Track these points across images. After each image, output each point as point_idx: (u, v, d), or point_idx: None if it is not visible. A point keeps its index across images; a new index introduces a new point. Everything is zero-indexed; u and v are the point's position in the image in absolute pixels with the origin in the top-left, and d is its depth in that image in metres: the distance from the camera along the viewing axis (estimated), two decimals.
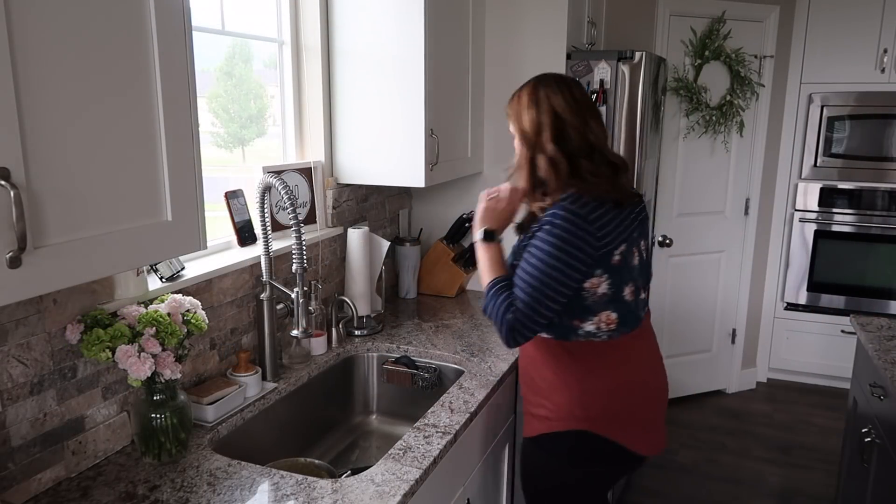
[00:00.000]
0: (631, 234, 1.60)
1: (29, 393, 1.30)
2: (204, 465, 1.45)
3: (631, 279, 1.60)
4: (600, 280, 1.54)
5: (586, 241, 1.49)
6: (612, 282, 1.55)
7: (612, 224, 1.54)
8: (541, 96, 1.59)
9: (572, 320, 1.58)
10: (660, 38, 3.55)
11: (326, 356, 2.06)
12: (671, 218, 3.73)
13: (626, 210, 1.60)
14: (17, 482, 1.29)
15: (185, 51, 1.14)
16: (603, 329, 1.58)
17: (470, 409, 1.71)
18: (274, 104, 2.20)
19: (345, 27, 2.18)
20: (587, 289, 1.54)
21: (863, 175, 3.94)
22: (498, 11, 2.58)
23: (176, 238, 1.17)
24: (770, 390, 4.24)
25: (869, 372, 2.23)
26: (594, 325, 1.58)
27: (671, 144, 3.66)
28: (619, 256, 1.55)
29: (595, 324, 1.58)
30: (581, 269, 1.51)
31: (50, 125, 0.95)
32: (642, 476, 3.24)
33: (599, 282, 1.54)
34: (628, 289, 1.60)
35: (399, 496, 1.33)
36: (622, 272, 1.57)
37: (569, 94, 1.59)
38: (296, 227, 1.71)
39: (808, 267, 4.11)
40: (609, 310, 1.57)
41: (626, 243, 1.57)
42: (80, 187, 1.00)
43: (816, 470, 3.32)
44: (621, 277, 1.57)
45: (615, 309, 1.58)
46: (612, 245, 1.53)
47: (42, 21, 0.92)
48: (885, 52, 3.78)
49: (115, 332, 1.34)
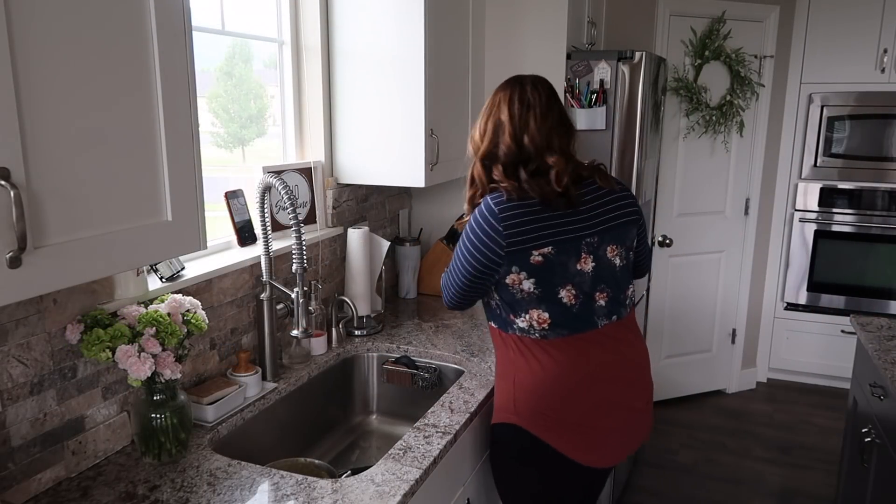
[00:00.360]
0: (574, 238, 1.56)
1: (29, 393, 1.30)
2: (204, 465, 1.45)
3: (569, 282, 1.56)
4: (519, 277, 1.55)
5: (490, 236, 1.53)
6: (537, 281, 1.55)
7: (531, 222, 1.53)
8: (495, 101, 1.63)
9: (508, 314, 1.61)
10: (660, 38, 3.55)
11: (326, 356, 2.06)
12: (671, 218, 3.73)
13: (567, 214, 1.56)
14: (17, 482, 1.29)
15: (185, 51, 1.14)
16: (535, 327, 1.58)
17: (470, 409, 1.71)
18: (274, 104, 2.20)
19: (345, 27, 2.18)
20: (510, 284, 1.56)
21: (863, 175, 3.94)
22: (498, 11, 2.58)
23: (176, 238, 1.17)
24: (770, 390, 4.24)
25: (869, 372, 2.23)
26: (526, 322, 1.58)
27: (671, 144, 3.66)
28: (541, 258, 1.53)
29: (527, 321, 1.58)
30: (487, 262, 1.55)
31: (50, 125, 0.95)
32: (642, 476, 3.24)
33: (519, 279, 1.55)
34: (565, 291, 1.56)
35: (399, 496, 1.33)
36: (550, 272, 1.54)
37: (518, 96, 1.59)
38: (296, 227, 1.71)
39: (808, 267, 4.11)
40: (540, 309, 1.56)
41: (555, 245, 1.54)
42: (80, 187, 1.00)
43: (816, 470, 3.32)
44: (549, 278, 1.55)
45: (547, 309, 1.56)
46: (526, 243, 1.52)
47: (42, 21, 0.92)
48: (885, 52, 3.78)
49: (115, 332, 1.34)
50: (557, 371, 1.58)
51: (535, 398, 1.59)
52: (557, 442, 1.60)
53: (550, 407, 1.59)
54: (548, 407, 1.59)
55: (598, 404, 1.61)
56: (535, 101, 1.59)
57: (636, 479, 3.21)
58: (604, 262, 1.60)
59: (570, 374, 1.59)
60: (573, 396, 1.59)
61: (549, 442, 1.60)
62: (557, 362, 1.58)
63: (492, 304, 1.65)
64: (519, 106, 1.58)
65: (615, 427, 1.64)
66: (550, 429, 1.59)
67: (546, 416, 1.59)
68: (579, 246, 1.56)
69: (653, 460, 3.38)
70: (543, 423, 1.59)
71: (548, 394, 1.59)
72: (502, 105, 1.60)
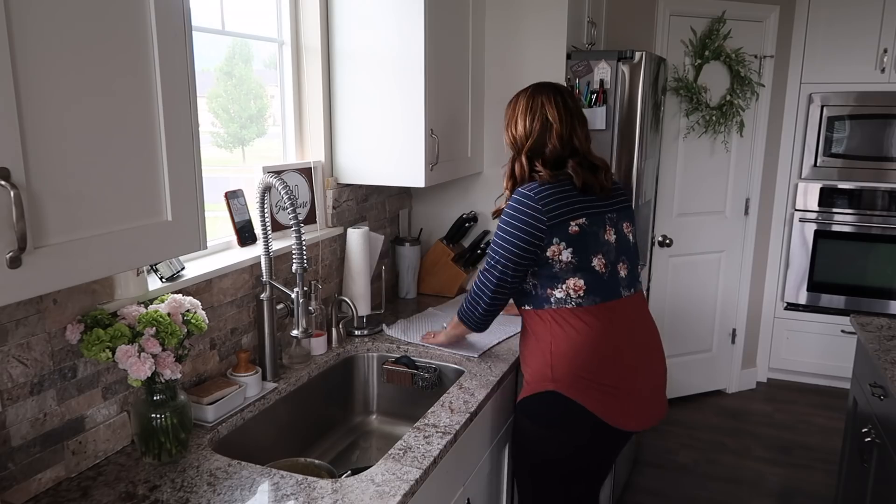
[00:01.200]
0: (599, 212, 1.78)
1: (29, 393, 1.30)
2: (204, 465, 1.45)
3: (600, 251, 1.76)
4: (559, 248, 1.72)
5: (531, 216, 1.71)
6: (574, 250, 1.72)
7: (566, 199, 1.74)
8: (537, 104, 1.82)
9: (545, 289, 1.76)
10: (660, 38, 3.55)
11: (326, 356, 2.06)
12: (671, 218, 3.73)
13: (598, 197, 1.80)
14: (17, 482, 1.29)
15: (185, 51, 1.14)
16: (572, 296, 1.73)
17: (470, 409, 1.71)
18: (274, 104, 2.20)
19: (345, 27, 2.18)
20: (550, 257, 1.73)
21: (863, 175, 3.94)
22: (498, 11, 2.58)
23: (176, 238, 1.17)
24: (770, 390, 4.24)
25: (869, 372, 2.23)
26: (563, 291, 1.74)
27: (671, 144, 3.66)
28: (577, 227, 1.72)
29: (564, 290, 1.74)
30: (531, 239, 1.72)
31: (50, 125, 0.95)
32: (642, 476, 3.24)
33: (559, 249, 1.72)
34: (597, 260, 1.75)
35: (399, 496, 1.33)
36: (585, 242, 1.74)
37: (562, 102, 1.82)
38: (296, 227, 1.71)
39: (808, 267, 4.11)
40: (576, 277, 1.73)
41: (587, 217, 1.75)
42: (80, 187, 1.00)
43: (816, 470, 3.32)
44: (584, 247, 1.73)
45: (582, 276, 1.73)
46: (564, 216, 1.72)
47: (41, 21, 0.92)
48: (885, 52, 3.78)
49: (115, 332, 1.34)
50: (593, 335, 1.73)
51: (573, 362, 1.72)
52: (595, 405, 1.72)
53: (588, 370, 1.72)
54: (585, 369, 1.72)
55: (630, 369, 1.77)
56: (575, 110, 1.83)
57: (636, 479, 3.21)
58: (622, 236, 1.83)
59: (605, 340, 1.74)
60: (608, 361, 1.74)
61: (585, 405, 1.71)
62: (592, 328, 1.73)
63: (525, 288, 1.80)
64: (565, 111, 1.81)
65: (644, 393, 1.80)
66: (588, 391, 1.72)
67: (584, 378, 1.72)
68: (604, 219, 1.79)
69: (653, 460, 3.38)
70: (582, 386, 1.71)
71: (586, 357, 1.72)
72: (548, 108, 1.80)
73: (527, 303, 1.82)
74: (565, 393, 1.72)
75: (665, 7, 3.52)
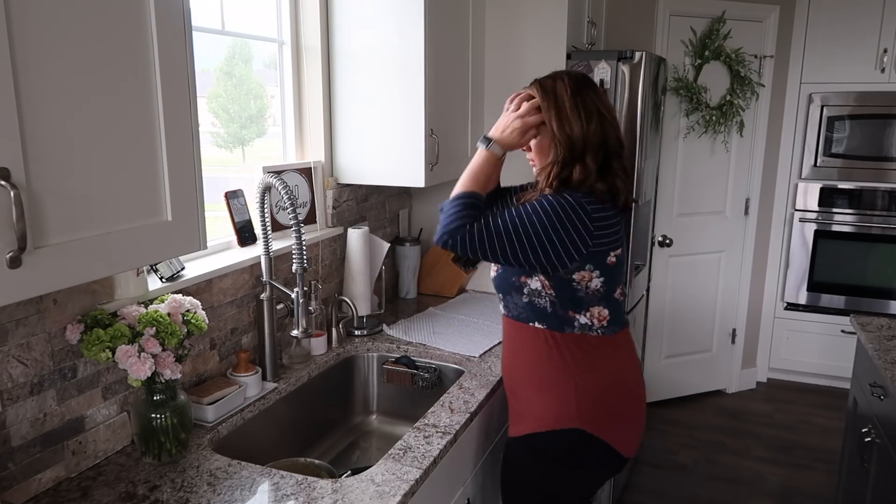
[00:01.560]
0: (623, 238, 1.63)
1: (29, 393, 1.30)
2: (204, 465, 1.45)
3: (622, 281, 1.64)
4: (591, 275, 1.55)
5: (578, 230, 1.49)
6: (605, 280, 1.57)
7: (613, 226, 1.56)
8: (588, 102, 1.54)
9: (567, 310, 1.58)
10: (660, 38, 3.55)
11: (326, 356, 2.06)
12: (671, 218, 3.73)
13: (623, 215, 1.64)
14: (17, 482, 1.29)
15: (185, 51, 1.14)
16: (596, 324, 1.59)
17: (470, 409, 1.71)
18: (274, 104, 2.20)
19: (345, 27, 2.18)
20: (577, 281, 1.55)
21: (863, 175, 3.94)
22: (498, 11, 2.58)
23: (176, 238, 1.17)
24: (770, 390, 4.24)
25: (869, 372, 2.23)
26: (587, 318, 1.58)
27: (671, 144, 3.66)
28: (615, 259, 1.57)
29: (588, 317, 1.59)
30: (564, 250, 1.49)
31: (50, 125, 0.95)
32: (642, 476, 3.24)
33: (591, 276, 1.55)
34: (619, 290, 1.64)
35: (399, 496, 1.33)
36: (617, 272, 1.60)
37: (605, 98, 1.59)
38: (296, 227, 1.71)
39: (808, 267, 4.11)
40: (601, 306, 1.59)
41: (622, 248, 1.60)
42: (80, 187, 1.00)
43: (816, 470, 3.32)
44: (615, 277, 1.59)
45: (607, 306, 1.60)
46: (608, 245, 1.55)
47: (42, 22, 0.92)
48: (885, 52, 3.78)
49: (115, 332, 1.34)
50: (619, 368, 1.63)
51: (602, 398, 1.59)
52: (616, 439, 1.62)
53: (616, 406, 1.62)
54: (614, 406, 1.62)
55: (640, 398, 1.70)
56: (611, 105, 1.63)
57: (636, 479, 3.21)
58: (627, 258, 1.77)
59: (629, 371, 1.66)
60: (632, 394, 1.66)
61: (608, 441, 1.60)
62: (619, 360, 1.63)
63: (539, 303, 1.58)
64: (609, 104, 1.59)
65: (643, 416, 1.73)
66: (613, 428, 1.61)
67: (612, 415, 1.61)
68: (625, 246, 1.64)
69: (653, 460, 3.38)
70: (609, 424, 1.61)
71: (615, 393, 1.62)
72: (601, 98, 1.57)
73: (539, 320, 1.60)
74: (593, 432, 1.58)
75: (665, 7, 3.52)
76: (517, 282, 1.60)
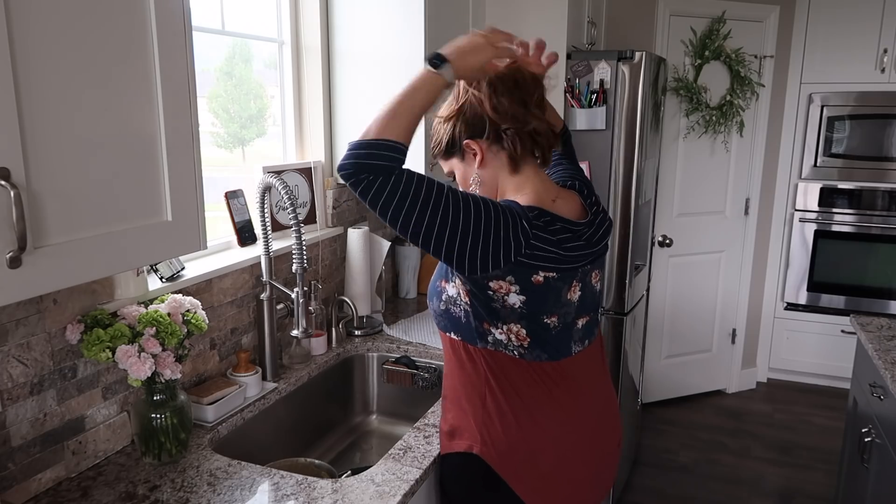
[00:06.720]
0: (573, 268, 1.34)
1: (29, 393, 1.30)
2: (204, 465, 1.45)
3: (556, 312, 1.34)
4: (509, 287, 1.28)
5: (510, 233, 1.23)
6: (527, 300, 1.30)
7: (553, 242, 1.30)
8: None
9: (482, 322, 1.34)
10: (660, 38, 3.55)
11: (326, 356, 2.06)
12: (671, 218, 3.74)
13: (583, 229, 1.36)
14: (17, 482, 1.29)
15: (185, 51, 1.14)
16: (514, 342, 1.34)
17: None
18: (274, 104, 2.20)
19: (345, 27, 2.18)
20: (493, 290, 1.29)
21: (863, 175, 3.94)
22: (498, 11, 2.58)
23: (176, 238, 1.17)
24: (770, 390, 4.24)
25: (869, 372, 2.23)
26: (504, 333, 1.33)
27: (671, 144, 3.66)
28: (542, 279, 1.29)
29: (505, 333, 1.33)
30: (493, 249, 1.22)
31: (50, 125, 0.95)
32: (642, 476, 3.24)
33: (508, 289, 1.28)
34: (550, 319, 1.34)
35: (399, 496, 1.33)
36: (544, 296, 1.31)
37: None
38: (296, 227, 1.71)
39: (808, 267, 4.11)
40: (519, 325, 1.32)
41: (560, 272, 1.31)
42: (80, 187, 1.00)
43: (816, 470, 3.32)
44: (542, 300, 1.31)
45: (526, 326, 1.33)
46: (536, 262, 1.27)
47: (42, 21, 0.92)
48: (885, 52, 3.78)
49: (115, 332, 1.34)
50: (536, 400, 1.36)
51: (509, 429, 1.35)
52: (521, 487, 1.36)
53: (526, 443, 1.36)
54: (522, 442, 1.35)
55: (575, 450, 1.40)
56: None
57: (636, 479, 3.21)
58: (588, 290, 1.41)
59: (550, 411, 1.37)
60: (551, 439, 1.37)
61: (514, 486, 1.35)
62: (536, 391, 1.36)
63: (455, 312, 1.37)
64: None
65: (585, 477, 1.43)
66: (519, 472, 1.36)
67: (518, 453, 1.36)
68: (576, 273, 1.35)
69: (653, 460, 3.38)
70: (515, 461, 1.36)
71: (526, 428, 1.35)
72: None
73: (454, 331, 1.39)
74: (490, 463, 1.35)
75: (665, 7, 3.52)
76: (438, 286, 1.40)
